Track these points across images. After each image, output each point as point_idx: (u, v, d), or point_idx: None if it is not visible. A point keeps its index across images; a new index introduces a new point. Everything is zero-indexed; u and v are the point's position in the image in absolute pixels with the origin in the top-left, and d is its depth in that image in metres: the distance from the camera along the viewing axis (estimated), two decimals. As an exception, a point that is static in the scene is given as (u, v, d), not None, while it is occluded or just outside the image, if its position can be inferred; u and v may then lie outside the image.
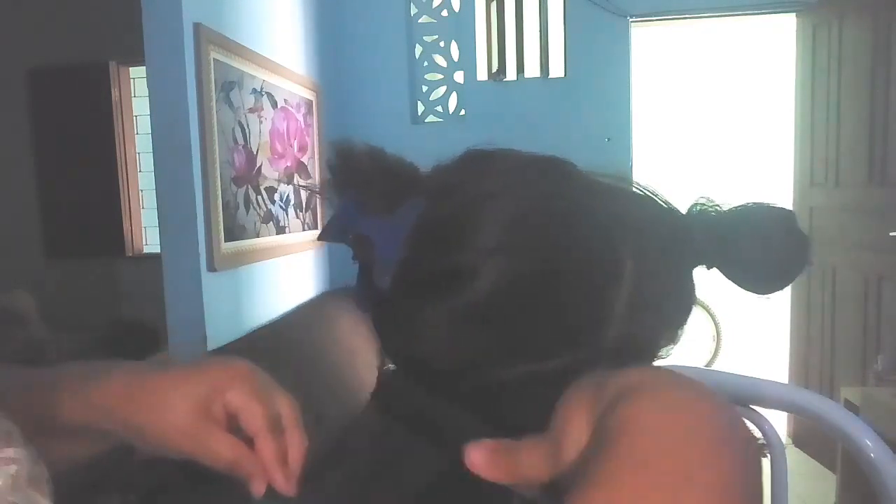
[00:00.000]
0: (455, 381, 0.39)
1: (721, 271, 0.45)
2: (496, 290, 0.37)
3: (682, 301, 0.45)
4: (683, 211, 0.46)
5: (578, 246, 0.39)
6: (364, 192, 0.40)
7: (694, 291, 0.46)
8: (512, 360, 0.38)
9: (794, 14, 3.15)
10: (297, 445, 0.42)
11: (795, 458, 3.04)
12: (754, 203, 0.46)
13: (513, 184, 0.41)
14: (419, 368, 0.41)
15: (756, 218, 0.45)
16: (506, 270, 0.37)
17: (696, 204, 0.46)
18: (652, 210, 0.45)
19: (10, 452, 0.30)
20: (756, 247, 0.44)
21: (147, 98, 1.97)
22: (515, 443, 0.26)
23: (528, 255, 0.38)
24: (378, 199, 0.40)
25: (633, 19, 3.24)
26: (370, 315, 0.43)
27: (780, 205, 0.46)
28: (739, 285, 0.45)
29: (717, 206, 0.46)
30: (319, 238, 0.42)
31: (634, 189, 0.46)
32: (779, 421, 3.01)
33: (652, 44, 4.77)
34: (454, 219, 0.39)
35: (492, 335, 0.38)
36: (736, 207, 0.45)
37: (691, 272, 0.46)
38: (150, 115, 1.97)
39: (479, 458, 0.25)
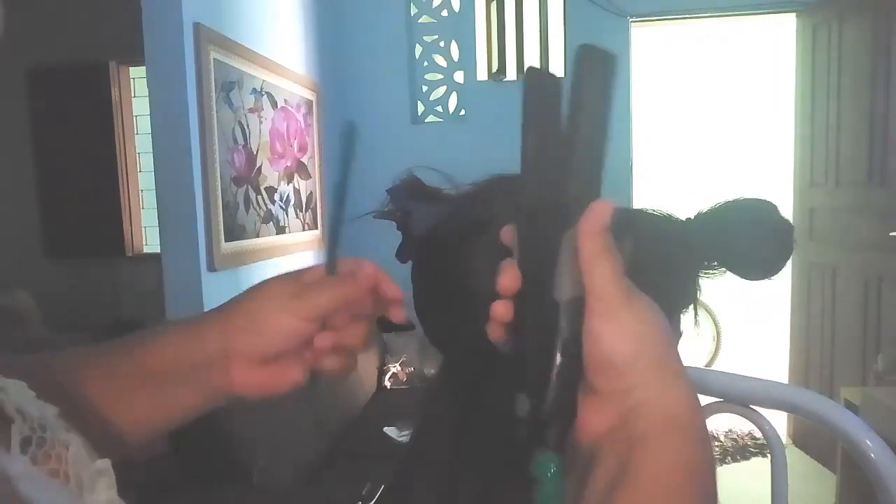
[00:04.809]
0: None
1: (720, 263, 0.50)
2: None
3: (680, 296, 0.49)
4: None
5: None
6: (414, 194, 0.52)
7: (695, 292, 0.50)
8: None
9: (794, 14, 3.15)
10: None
11: (795, 458, 3.04)
12: (737, 198, 0.51)
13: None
14: (454, 311, 0.46)
15: (743, 208, 0.51)
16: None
17: (690, 215, 0.52)
18: (652, 214, 0.51)
19: None
20: (748, 233, 0.49)
21: (147, 98, 1.97)
22: None
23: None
24: (423, 202, 0.51)
25: (633, 19, 3.24)
26: (412, 263, 0.51)
27: (760, 197, 0.51)
28: (738, 273, 0.50)
29: (709, 207, 0.51)
30: (376, 216, 0.53)
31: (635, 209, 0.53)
32: (779, 421, 3.01)
33: (652, 44, 4.77)
34: (480, 200, 0.48)
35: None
36: (724, 203, 0.51)
37: (694, 273, 0.50)
38: (150, 115, 1.97)
39: None
